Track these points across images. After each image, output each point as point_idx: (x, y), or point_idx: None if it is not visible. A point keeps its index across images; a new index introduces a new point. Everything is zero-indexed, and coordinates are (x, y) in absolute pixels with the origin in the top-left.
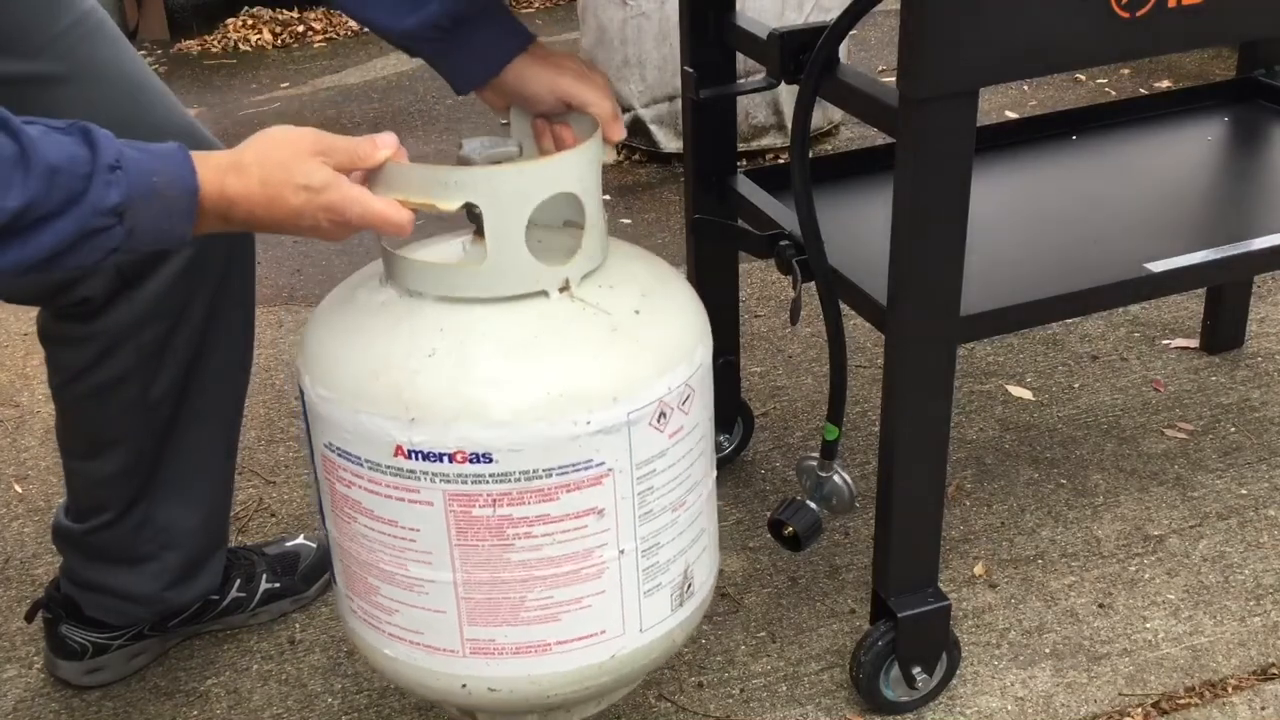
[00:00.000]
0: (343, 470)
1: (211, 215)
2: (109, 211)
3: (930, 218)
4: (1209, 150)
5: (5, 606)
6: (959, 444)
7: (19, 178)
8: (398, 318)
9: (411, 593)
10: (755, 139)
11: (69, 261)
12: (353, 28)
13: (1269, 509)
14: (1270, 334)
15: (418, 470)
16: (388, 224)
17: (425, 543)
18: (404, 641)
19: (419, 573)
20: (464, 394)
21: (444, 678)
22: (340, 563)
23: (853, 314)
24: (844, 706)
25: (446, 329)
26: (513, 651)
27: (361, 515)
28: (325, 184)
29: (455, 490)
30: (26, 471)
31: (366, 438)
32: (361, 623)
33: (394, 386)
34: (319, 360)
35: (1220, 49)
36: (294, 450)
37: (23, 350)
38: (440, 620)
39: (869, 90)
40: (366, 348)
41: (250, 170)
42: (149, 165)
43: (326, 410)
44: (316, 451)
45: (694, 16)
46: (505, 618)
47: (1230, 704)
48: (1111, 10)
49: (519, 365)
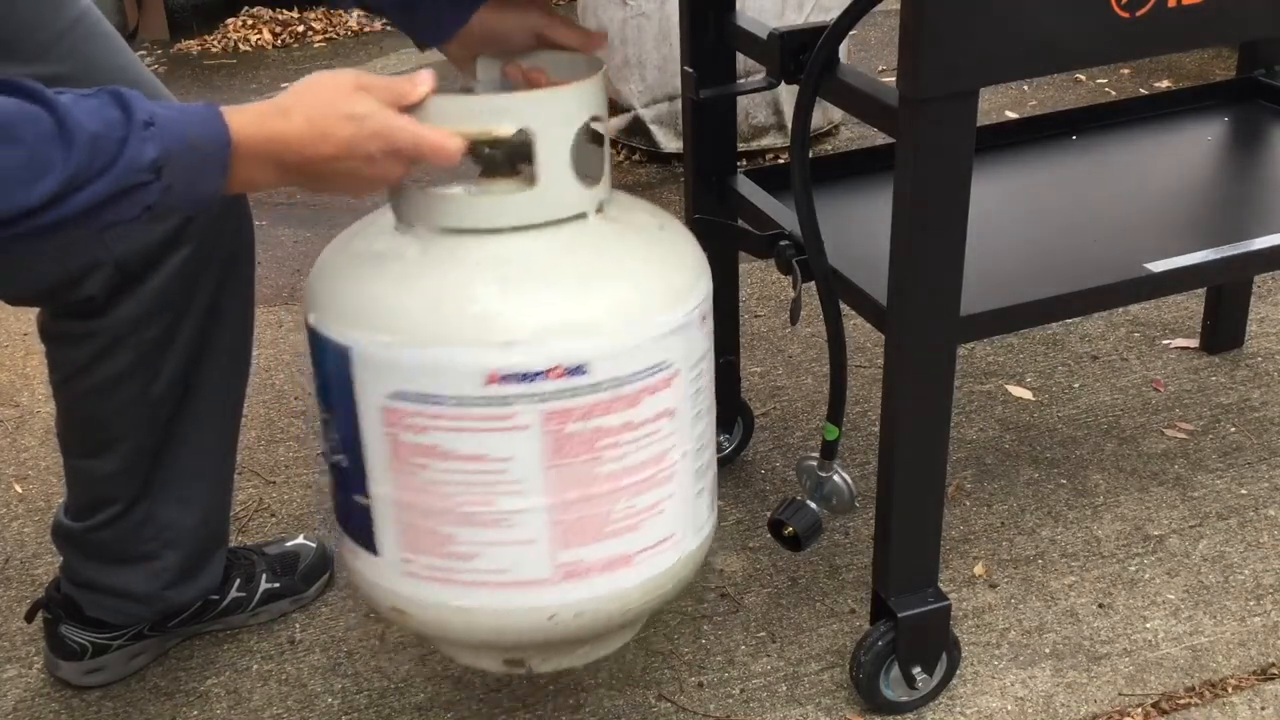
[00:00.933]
0: (415, 416)
1: (257, 163)
2: (146, 167)
3: (930, 218)
4: (1209, 150)
5: (5, 606)
6: (959, 444)
7: (59, 155)
8: (451, 253)
9: (497, 529)
10: (755, 139)
11: (106, 216)
12: (353, 27)
13: (1269, 509)
14: (1270, 334)
15: (512, 395)
16: (441, 150)
17: (517, 471)
18: (485, 586)
19: (508, 505)
20: (556, 310)
21: (530, 613)
22: (396, 524)
23: (853, 314)
24: (844, 706)
25: (510, 256)
26: (600, 569)
27: (438, 460)
28: (371, 112)
29: (551, 408)
30: (26, 471)
31: (451, 373)
32: (425, 582)
33: (481, 315)
34: (372, 309)
35: (1220, 49)
36: (294, 450)
37: (23, 350)
38: (529, 551)
39: (869, 90)
40: (435, 286)
41: (294, 112)
42: (181, 120)
43: (393, 356)
44: (369, 408)
45: (694, 16)
46: (594, 534)
47: (1230, 704)
48: (1111, 10)
49: (598, 278)
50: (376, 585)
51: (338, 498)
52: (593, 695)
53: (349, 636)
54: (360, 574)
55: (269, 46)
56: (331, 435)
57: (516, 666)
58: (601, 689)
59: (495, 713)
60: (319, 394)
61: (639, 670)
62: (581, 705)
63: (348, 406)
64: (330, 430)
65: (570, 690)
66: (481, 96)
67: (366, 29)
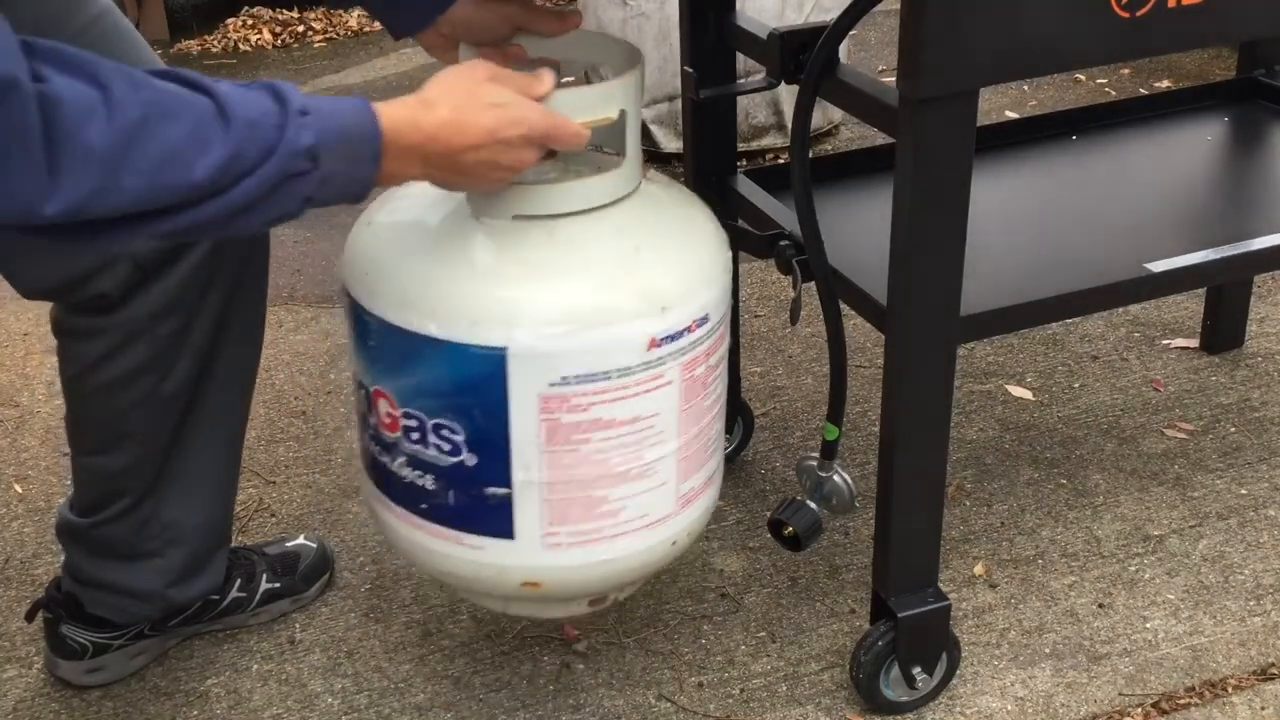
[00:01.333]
0: (578, 397)
1: (405, 155)
2: (304, 154)
3: (930, 218)
4: (1209, 150)
5: (5, 606)
6: (959, 444)
7: (219, 133)
8: (571, 238)
9: (642, 480)
10: (755, 139)
11: (263, 212)
12: (353, 27)
13: (1269, 509)
14: (1270, 334)
15: (664, 355)
16: (574, 136)
17: (661, 424)
18: (628, 534)
19: (653, 455)
20: (688, 269)
21: (659, 547)
22: (541, 504)
23: (853, 314)
24: (844, 706)
25: (623, 228)
26: (700, 490)
27: (598, 431)
28: (511, 100)
29: (687, 359)
30: (26, 471)
31: (616, 347)
32: (568, 549)
33: (639, 289)
34: (529, 306)
35: (1220, 49)
36: (294, 450)
37: (23, 350)
38: (662, 492)
39: (869, 90)
40: (579, 269)
41: (438, 104)
42: (334, 111)
43: (557, 345)
44: (524, 400)
45: (694, 16)
46: (700, 461)
47: (1230, 704)
48: (1111, 10)
49: (693, 236)
50: (507, 568)
51: (444, 499)
52: (593, 695)
53: (349, 636)
54: (479, 564)
55: (269, 46)
56: (440, 440)
57: (599, 603)
58: (601, 689)
59: (495, 713)
60: (418, 403)
61: (639, 670)
62: (581, 705)
63: (491, 404)
64: (435, 436)
65: (570, 690)
66: (594, 85)
67: (366, 29)
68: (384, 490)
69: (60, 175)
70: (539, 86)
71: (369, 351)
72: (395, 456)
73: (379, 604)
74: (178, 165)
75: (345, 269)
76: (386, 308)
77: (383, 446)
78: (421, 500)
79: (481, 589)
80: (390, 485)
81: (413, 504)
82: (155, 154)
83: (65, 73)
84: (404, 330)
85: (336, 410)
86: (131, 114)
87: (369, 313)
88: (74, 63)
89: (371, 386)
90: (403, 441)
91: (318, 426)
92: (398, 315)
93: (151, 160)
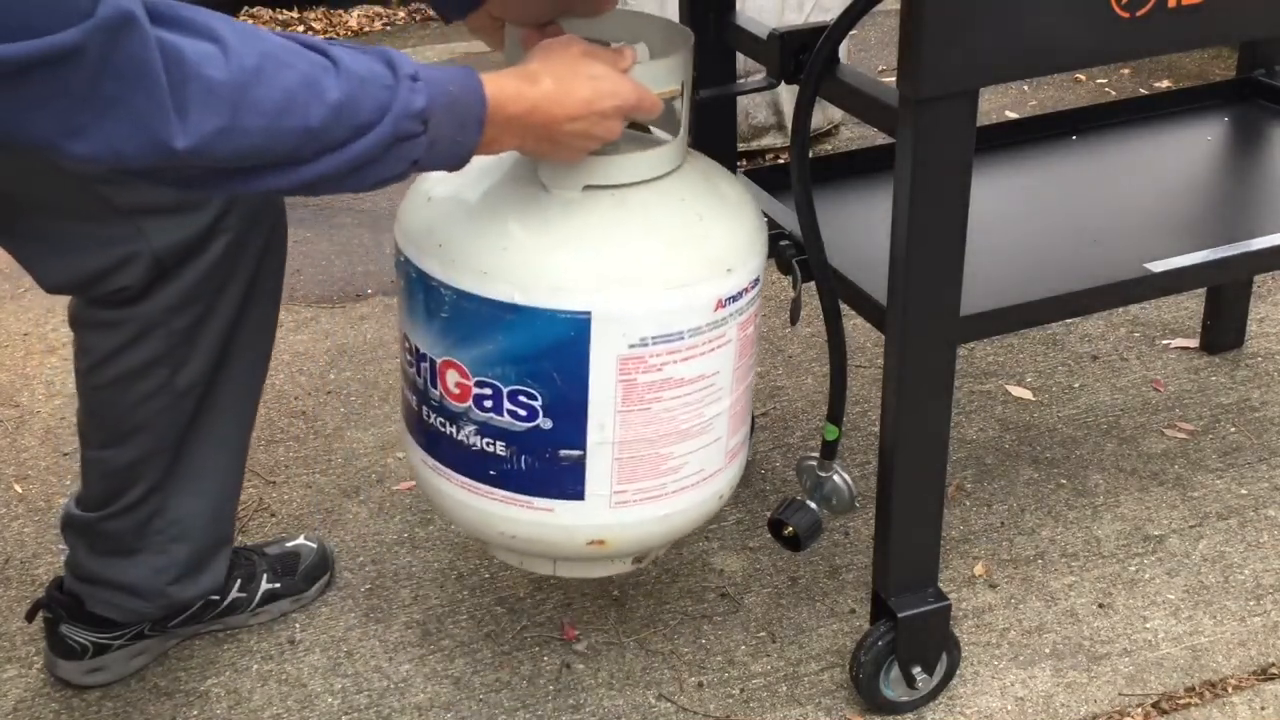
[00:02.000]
0: (652, 358)
1: (508, 125)
2: (416, 115)
3: (930, 218)
4: (1209, 150)
5: (5, 606)
6: (959, 444)
7: (333, 82)
8: (643, 206)
9: (702, 436)
10: (755, 139)
11: (374, 173)
12: (352, 27)
13: (1269, 509)
14: (1270, 334)
15: (727, 315)
16: (656, 107)
17: (721, 380)
18: (687, 490)
19: (712, 411)
20: (745, 233)
21: (710, 500)
22: (612, 463)
23: (853, 314)
24: (844, 706)
25: (684, 197)
26: (739, 448)
27: (668, 390)
28: (605, 73)
29: (743, 318)
30: (26, 471)
31: (689, 308)
32: (634, 506)
33: (707, 252)
34: (612, 269)
35: (1220, 49)
36: (294, 450)
37: (23, 350)
38: (716, 447)
39: (869, 90)
40: (653, 235)
41: (541, 75)
42: (444, 77)
43: (637, 308)
44: (604, 362)
45: (694, 16)
46: (743, 418)
47: (1230, 704)
48: (1111, 10)
49: (739, 204)
50: (575, 528)
51: (515, 464)
52: (593, 695)
53: (349, 636)
54: (547, 525)
55: None
56: (516, 406)
57: (640, 561)
58: (601, 689)
59: (495, 713)
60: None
61: (639, 670)
62: (582, 705)
63: (572, 368)
64: (510, 403)
65: (570, 690)
66: (661, 59)
67: (366, 29)
68: (443, 460)
69: (187, 112)
70: (624, 61)
71: (440, 323)
72: (462, 426)
73: (379, 604)
74: (295, 109)
75: (411, 245)
76: (465, 279)
77: (448, 417)
78: (490, 466)
79: (541, 550)
80: (452, 454)
81: (478, 471)
82: (275, 97)
83: (179, 29)
84: (485, 299)
85: (336, 410)
86: (248, 61)
87: (445, 285)
88: (186, 17)
89: (440, 358)
90: (472, 410)
91: (318, 426)
92: (478, 285)
93: (273, 102)
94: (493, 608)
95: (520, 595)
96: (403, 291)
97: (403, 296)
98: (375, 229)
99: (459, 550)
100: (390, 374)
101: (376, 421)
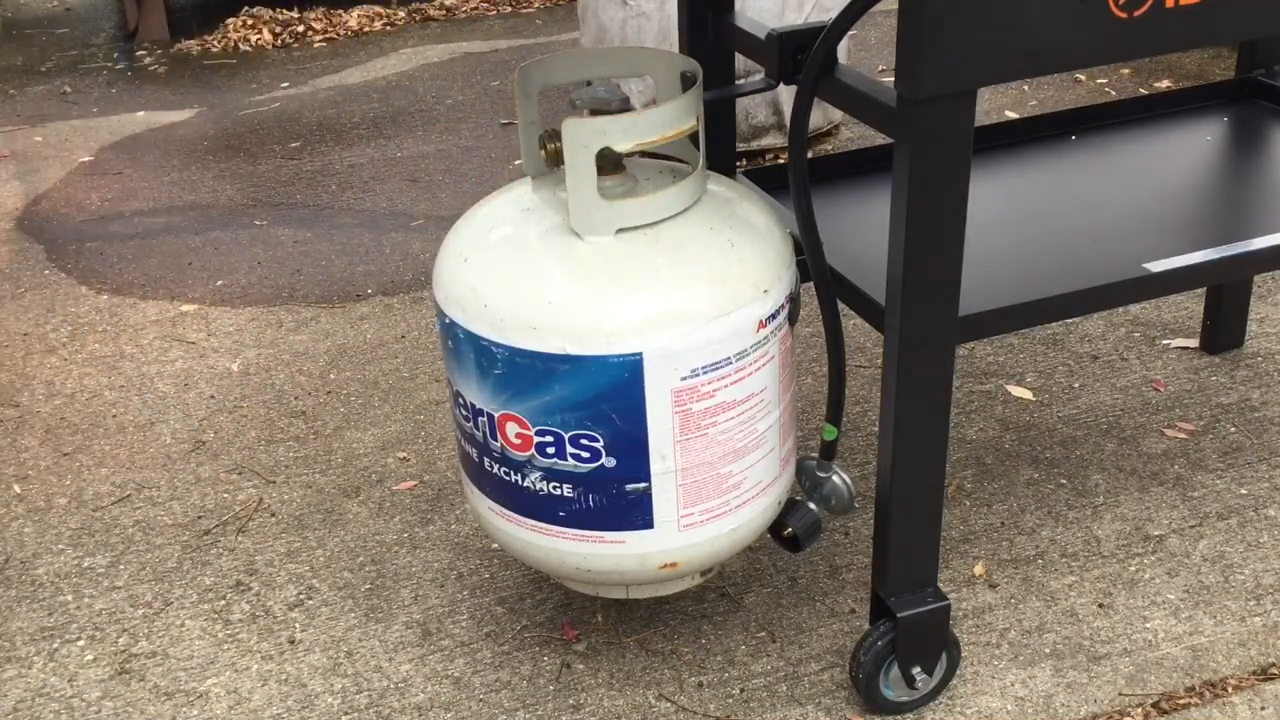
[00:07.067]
0: (705, 385)
1: None
2: None
3: (929, 218)
4: (1209, 150)
5: (5, 606)
6: (959, 444)
7: None
8: (675, 242)
9: (759, 449)
10: (755, 139)
11: None
12: (353, 27)
13: (1269, 509)
14: (1270, 334)
15: (769, 334)
16: None
17: (769, 395)
18: (748, 503)
19: (764, 425)
20: (774, 251)
21: (770, 508)
22: (677, 490)
23: (853, 314)
24: (844, 706)
25: (713, 225)
26: (792, 450)
27: (722, 414)
28: None
29: (782, 333)
30: (26, 472)
31: (734, 334)
32: (701, 526)
33: (745, 277)
34: (660, 309)
35: (1220, 49)
36: (294, 450)
37: (23, 350)
38: (771, 457)
39: (868, 90)
40: (691, 268)
41: None
42: None
43: (686, 342)
44: (659, 397)
45: (693, 17)
46: (791, 426)
47: (1230, 704)
48: (1110, 10)
49: (764, 226)
50: (648, 555)
51: (582, 504)
52: (593, 695)
53: (349, 636)
54: (620, 556)
55: (269, 46)
56: (579, 450)
57: (708, 573)
58: (601, 689)
59: (495, 713)
60: (553, 419)
61: (639, 670)
62: (582, 705)
63: (629, 407)
64: (573, 447)
65: (570, 690)
66: (678, 99)
67: (366, 29)
68: (510, 506)
69: None
70: None
71: (494, 379)
72: (527, 473)
73: (379, 604)
74: None
75: (455, 306)
76: (516, 336)
77: (511, 466)
78: (559, 508)
79: (616, 580)
80: (519, 500)
81: (547, 514)
82: None
83: None
84: (538, 353)
85: (336, 410)
86: None
87: (496, 344)
88: None
89: (498, 412)
90: (536, 458)
91: (318, 426)
92: (529, 341)
93: None
94: (493, 608)
95: (520, 595)
96: (450, 351)
97: (450, 355)
98: (375, 229)
99: (459, 550)
100: (390, 374)
101: (376, 421)
